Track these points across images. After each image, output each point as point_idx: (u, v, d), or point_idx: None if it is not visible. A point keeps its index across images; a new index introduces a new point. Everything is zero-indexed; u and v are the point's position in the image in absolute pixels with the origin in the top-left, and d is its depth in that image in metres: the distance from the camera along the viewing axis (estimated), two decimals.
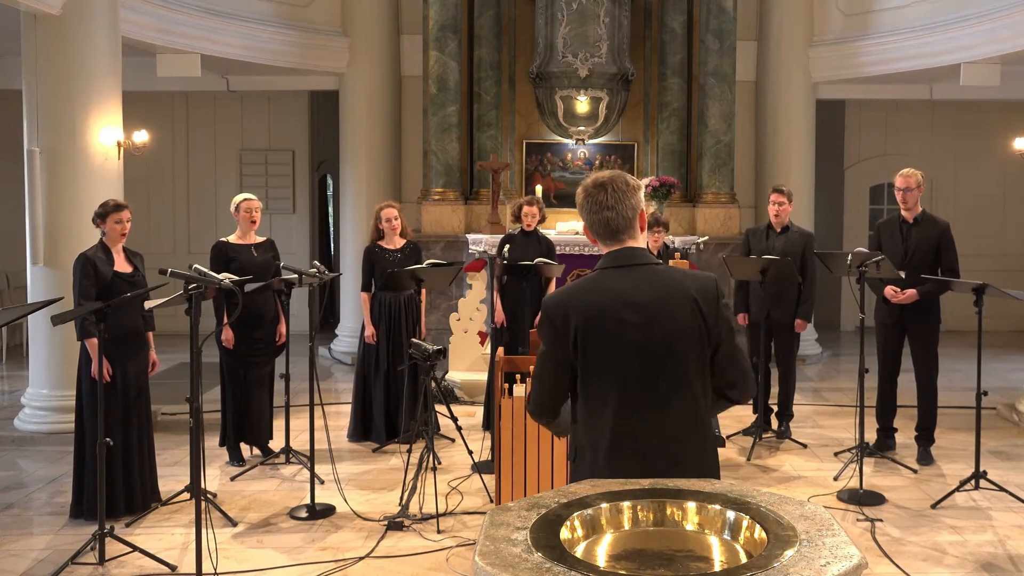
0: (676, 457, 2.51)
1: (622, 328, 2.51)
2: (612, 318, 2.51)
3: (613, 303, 2.52)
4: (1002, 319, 12.05)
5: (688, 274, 2.63)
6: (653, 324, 2.51)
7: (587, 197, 2.61)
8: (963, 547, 5.00)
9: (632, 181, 2.62)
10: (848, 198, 12.97)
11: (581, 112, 9.99)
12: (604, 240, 2.62)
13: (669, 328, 2.52)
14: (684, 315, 2.53)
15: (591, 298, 2.54)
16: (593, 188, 2.60)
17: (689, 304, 2.54)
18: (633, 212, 2.59)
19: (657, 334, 2.51)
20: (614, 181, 2.59)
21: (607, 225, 2.58)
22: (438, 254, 9.72)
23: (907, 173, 6.46)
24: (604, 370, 2.53)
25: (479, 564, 1.84)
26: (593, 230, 2.62)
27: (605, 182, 2.59)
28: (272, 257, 6.48)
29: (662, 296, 2.54)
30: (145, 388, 5.59)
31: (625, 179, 2.61)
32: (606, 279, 2.57)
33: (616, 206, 2.57)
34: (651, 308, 2.52)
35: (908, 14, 9.83)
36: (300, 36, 10.19)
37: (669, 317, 2.52)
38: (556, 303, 2.58)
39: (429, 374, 5.57)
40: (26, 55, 7.28)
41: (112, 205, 5.47)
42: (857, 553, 1.87)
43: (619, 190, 2.57)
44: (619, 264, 2.58)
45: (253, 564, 4.77)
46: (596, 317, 2.52)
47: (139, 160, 9.59)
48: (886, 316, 6.57)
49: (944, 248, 6.40)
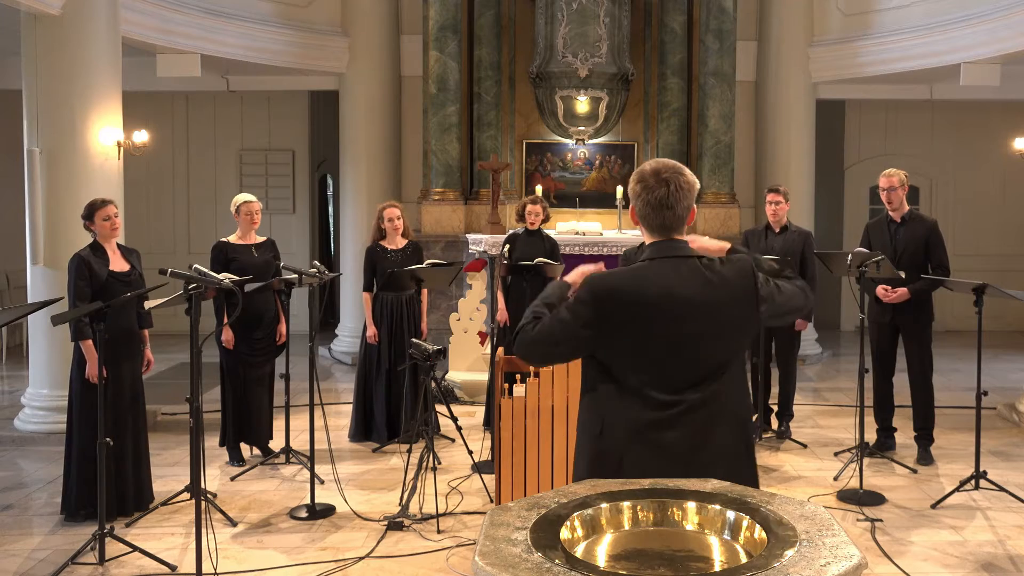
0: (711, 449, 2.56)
1: (664, 320, 2.54)
2: (658, 309, 2.54)
3: (662, 294, 2.55)
4: (1002, 319, 12.05)
5: (727, 263, 2.66)
6: (698, 315, 2.56)
7: (646, 190, 2.61)
8: (963, 547, 5.00)
9: (691, 178, 2.64)
10: (848, 198, 12.96)
11: (581, 112, 9.99)
12: (653, 232, 2.65)
13: (713, 319, 2.57)
14: (728, 307, 2.60)
15: (640, 287, 2.57)
16: (654, 182, 2.60)
17: (733, 295, 2.61)
18: (686, 212, 2.63)
19: (702, 325, 2.56)
20: (676, 179, 2.60)
21: (663, 222, 2.62)
22: (438, 254, 9.72)
23: (890, 173, 6.48)
24: (645, 358, 2.56)
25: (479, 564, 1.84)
26: (646, 221, 2.65)
27: (668, 178, 2.59)
28: (272, 257, 6.48)
29: (707, 288, 2.58)
30: (140, 391, 5.58)
31: (686, 178, 2.63)
32: (654, 270, 2.60)
33: (675, 206, 2.60)
34: (697, 300, 2.56)
35: (908, 14, 9.82)
36: (300, 36, 10.19)
37: (713, 309, 2.58)
38: (606, 287, 2.59)
39: (429, 374, 5.57)
40: (26, 55, 7.28)
41: (98, 202, 5.44)
42: (857, 553, 1.87)
43: (681, 189, 2.60)
44: (666, 255, 2.62)
45: (253, 564, 4.77)
46: (643, 307, 2.55)
47: (139, 160, 9.59)
48: (879, 315, 6.58)
49: (933, 245, 6.41)
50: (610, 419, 2.59)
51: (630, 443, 2.54)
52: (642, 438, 2.54)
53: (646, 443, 2.53)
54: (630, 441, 2.54)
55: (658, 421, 2.54)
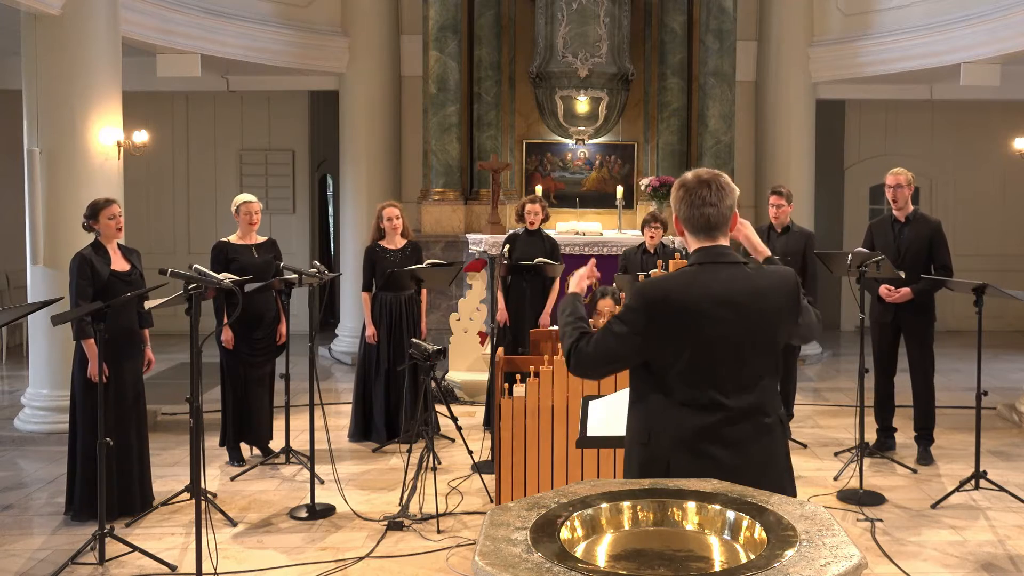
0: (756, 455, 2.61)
1: (713, 325, 2.58)
2: (707, 314, 2.58)
3: (711, 300, 2.59)
4: (1002, 319, 12.04)
5: (773, 272, 2.74)
6: (745, 323, 2.61)
7: (688, 192, 2.67)
8: (963, 547, 5.00)
9: (730, 181, 2.72)
10: (848, 198, 12.96)
11: (581, 112, 9.99)
12: (698, 234, 2.69)
13: (758, 327, 2.63)
14: (772, 314, 2.67)
15: (690, 293, 2.60)
16: (696, 184, 2.67)
17: (778, 303, 2.68)
18: (729, 212, 2.68)
19: (747, 333, 2.61)
20: (717, 179, 2.67)
21: (708, 220, 2.65)
22: (438, 254, 9.72)
23: (897, 172, 6.49)
24: (692, 363, 2.59)
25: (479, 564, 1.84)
26: (690, 223, 2.68)
27: (708, 180, 2.66)
28: (273, 257, 6.48)
29: (754, 296, 2.63)
30: (141, 390, 5.58)
31: (726, 179, 2.70)
32: (704, 275, 2.63)
33: (718, 204, 2.65)
34: (744, 307, 2.61)
35: (908, 14, 9.82)
36: (300, 36, 10.19)
37: (760, 316, 2.63)
38: (657, 292, 2.62)
39: (429, 374, 5.57)
40: (26, 55, 7.28)
41: (102, 202, 5.45)
42: (857, 553, 1.87)
43: (722, 189, 2.66)
44: (714, 260, 2.65)
45: (253, 564, 4.77)
46: (692, 312, 2.58)
47: (139, 160, 9.58)
48: (881, 315, 6.58)
49: (937, 246, 6.41)
50: (657, 427, 2.62)
51: (676, 450, 2.58)
52: (689, 446, 2.58)
53: (693, 451, 2.57)
54: (676, 448, 2.58)
55: (704, 428, 2.58)
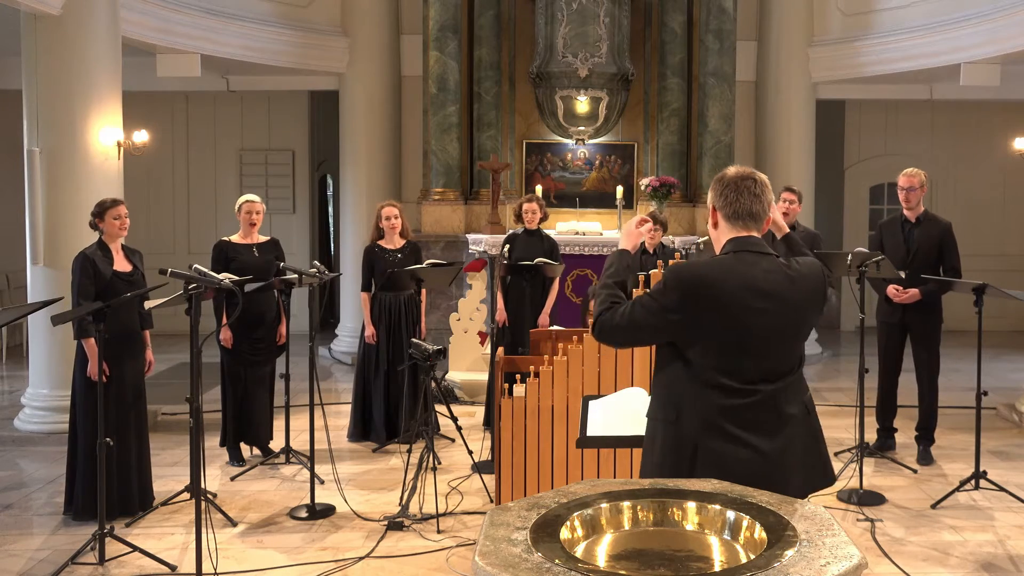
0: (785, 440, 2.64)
1: (747, 313, 2.62)
2: (741, 301, 2.62)
3: (747, 289, 2.64)
4: (1002, 319, 12.04)
5: (804, 263, 2.79)
6: (778, 313, 2.66)
7: (731, 184, 2.76)
8: (963, 547, 5.00)
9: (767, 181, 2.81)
10: (848, 198, 12.96)
11: (581, 112, 9.99)
12: (736, 224, 2.75)
13: (791, 317, 2.69)
14: (804, 304, 2.73)
15: (726, 278, 2.64)
16: (739, 177, 2.77)
17: (809, 293, 2.74)
18: (769, 206, 2.78)
19: (780, 322, 2.66)
20: (758, 175, 2.79)
21: (750, 211, 2.73)
22: (438, 254, 9.72)
23: (911, 172, 6.46)
24: (724, 349, 2.63)
25: (479, 564, 1.84)
26: (732, 212, 2.75)
27: (751, 175, 2.77)
28: (275, 257, 6.47)
29: (788, 287, 2.68)
30: (142, 390, 5.58)
31: (766, 178, 2.81)
32: (741, 264, 2.68)
33: (761, 196, 2.75)
34: (778, 297, 2.66)
35: (908, 14, 9.82)
36: (300, 36, 10.19)
37: (792, 307, 2.69)
38: (694, 275, 2.66)
39: (429, 374, 5.57)
40: (26, 55, 7.28)
41: (109, 201, 5.47)
42: (857, 553, 1.86)
43: (763, 184, 2.78)
44: (749, 249, 2.71)
45: (253, 564, 4.77)
46: (727, 297, 2.62)
47: (139, 160, 9.58)
48: (888, 316, 6.57)
49: (947, 248, 6.40)
50: (686, 407, 2.65)
51: (705, 432, 2.61)
52: (718, 429, 2.60)
53: (723, 435, 2.60)
54: (705, 430, 2.61)
55: (734, 411, 2.61)
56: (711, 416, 2.61)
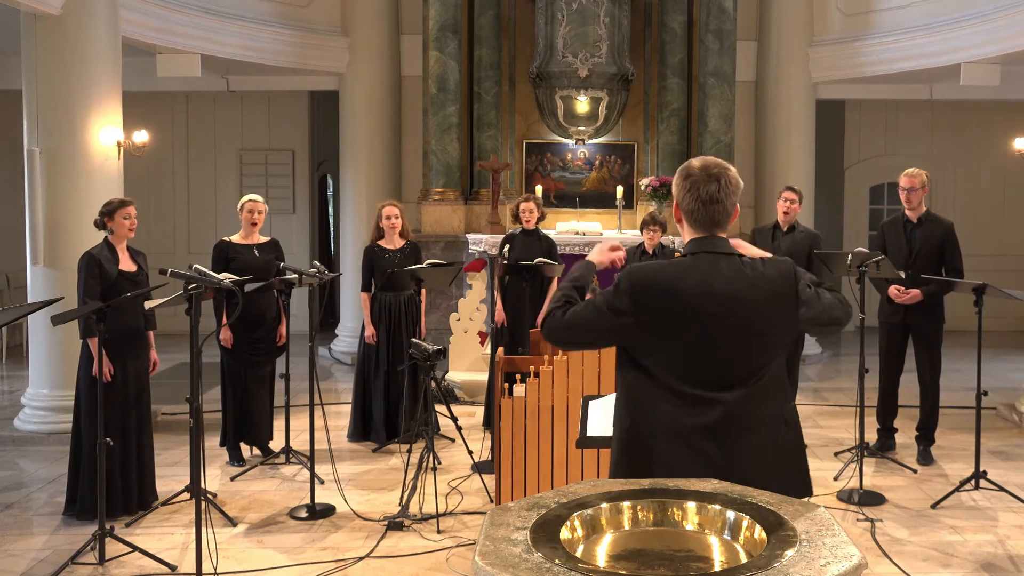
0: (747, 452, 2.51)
1: (704, 317, 2.52)
2: (697, 305, 2.52)
3: (702, 293, 2.52)
4: (1002, 319, 12.04)
5: (769, 264, 2.64)
6: (738, 317, 2.53)
7: (695, 184, 2.60)
8: (963, 547, 5.00)
9: (737, 175, 2.66)
10: (848, 198, 12.96)
11: (581, 112, 9.99)
12: (698, 227, 2.63)
13: (747, 320, 2.54)
14: (766, 307, 2.57)
15: (680, 281, 2.54)
16: (705, 177, 2.60)
17: (773, 294, 2.58)
18: (733, 208, 2.64)
19: (741, 327, 2.53)
20: (726, 176, 2.61)
21: (712, 216, 2.60)
22: (438, 254, 9.72)
23: (912, 173, 6.45)
24: (680, 354, 2.53)
25: (479, 564, 1.84)
26: (693, 216, 2.62)
27: (718, 175, 2.60)
28: (275, 257, 6.48)
29: (749, 289, 2.55)
30: (146, 388, 5.59)
31: (735, 175, 2.64)
32: (695, 265, 2.57)
33: (725, 200, 2.60)
34: (738, 301, 2.54)
35: (908, 14, 9.82)
36: (300, 36, 10.19)
37: (755, 310, 2.55)
38: (646, 278, 2.56)
39: (429, 374, 5.57)
40: (26, 55, 7.28)
41: (118, 201, 5.49)
42: (857, 553, 1.86)
43: (731, 185, 2.61)
44: (709, 251, 2.60)
45: (253, 564, 4.77)
46: (681, 301, 2.52)
47: (139, 160, 9.58)
48: (890, 316, 6.56)
49: (948, 248, 6.40)
50: (641, 413, 2.56)
51: (660, 441, 2.52)
52: (672, 437, 2.51)
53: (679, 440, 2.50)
54: (660, 438, 2.52)
55: (691, 419, 2.51)
56: (666, 424, 2.52)
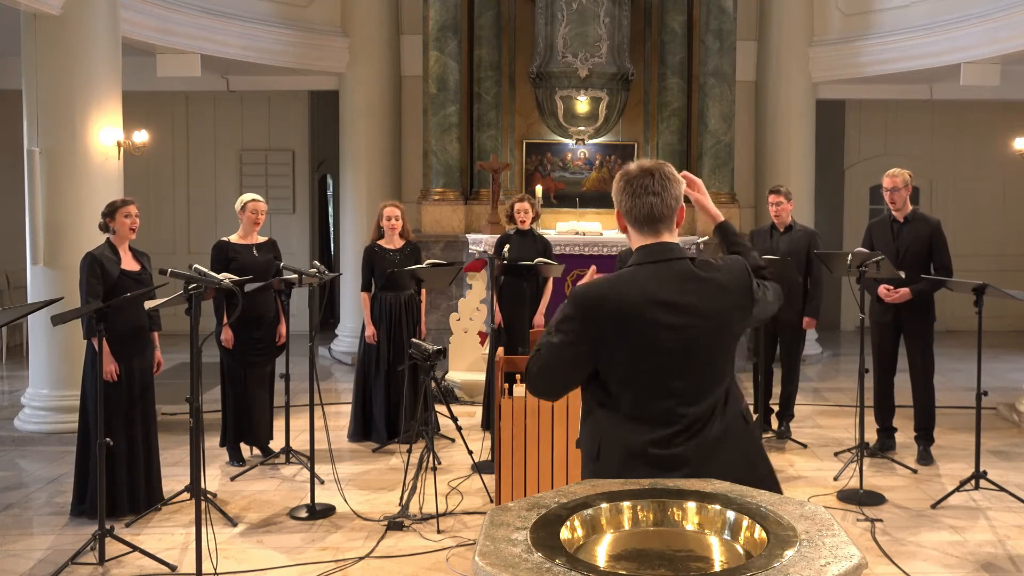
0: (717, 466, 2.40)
1: (657, 330, 2.40)
2: (648, 319, 2.40)
3: (651, 302, 2.40)
4: (1002, 319, 12.05)
5: (722, 266, 2.54)
6: (693, 324, 2.42)
7: (629, 181, 2.49)
8: (963, 547, 5.00)
9: (675, 173, 2.53)
10: (848, 198, 12.97)
11: (581, 112, 9.99)
12: (641, 229, 2.50)
13: (705, 328, 2.44)
14: (722, 311, 2.47)
15: (627, 295, 2.41)
16: (638, 173, 2.49)
17: (729, 299, 2.49)
18: (676, 203, 2.50)
19: (697, 335, 2.43)
20: (661, 168, 2.49)
21: (650, 211, 2.47)
22: (438, 254, 9.72)
23: (894, 173, 6.47)
24: (638, 370, 2.42)
25: (479, 564, 1.84)
26: (631, 215, 2.50)
27: (652, 168, 2.49)
28: (273, 257, 6.48)
29: (701, 295, 2.44)
30: (150, 387, 5.60)
31: (671, 169, 2.52)
32: (643, 276, 2.44)
33: (662, 193, 2.46)
34: (690, 308, 2.42)
35: (908, 14, 9.82)
36: (300, 36, 10.19)
37: (708, 316, 2.44)
38: (591, 297, 2.43)
39: (429, 374, 5.57)
40: (26, 55, 7.28)
41: (120, 201, 5.51)
42: (857, 553, 1.86)
43: (666, 177, 2.48)
44: (655, 259, 2.47)
45: (253, 564, 4.77)
46: (631, 316, 2.39)
47: (139, 160, 9.59)
48: (880, 315, 6.57)
49: (936, 246, 6.40)
50: (607, 440, 2.46)
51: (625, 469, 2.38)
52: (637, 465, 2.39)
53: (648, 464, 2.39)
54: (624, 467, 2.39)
55: (656, 441, 2.40)
56: (632, 449, 2.40)
